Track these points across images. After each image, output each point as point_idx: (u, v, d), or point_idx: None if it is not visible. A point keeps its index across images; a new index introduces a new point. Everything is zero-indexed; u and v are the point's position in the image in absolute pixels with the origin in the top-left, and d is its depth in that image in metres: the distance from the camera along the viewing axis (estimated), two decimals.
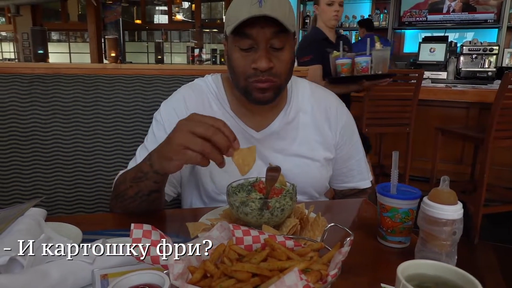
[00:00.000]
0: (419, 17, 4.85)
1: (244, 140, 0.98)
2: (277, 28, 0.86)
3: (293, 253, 0.57)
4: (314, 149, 1.03)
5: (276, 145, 1.01)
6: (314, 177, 1.03)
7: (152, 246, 0.54)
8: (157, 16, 10.58)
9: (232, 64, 0.92)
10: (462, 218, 0.64)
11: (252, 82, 0.90)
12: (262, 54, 0.86)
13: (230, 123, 0.97)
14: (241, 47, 0.88)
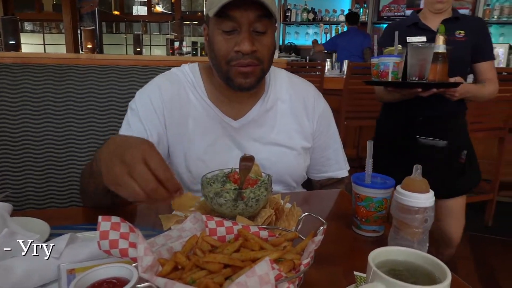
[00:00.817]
0: (398, 12, 4.92)
1: (221, 129, 0.98)
2: (260, 12, 0.86)
3: (266, 243, 0.56)
4: (292, 137, 1.03)
5: (253, 134, 1.00)
6: (291, 165, 1.03)
7: (121, 238, 0.52)
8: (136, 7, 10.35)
9: (214, 48, 0.90)
10: (434, 206, 0.65)
11: (234, 66, 0.89)
12: (245, 36, 0.86)
13: (208, 113, 0.99)
14: (223, 29, 0.87)
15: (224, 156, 0.97)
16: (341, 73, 3.96)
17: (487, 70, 1.65)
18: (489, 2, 4.43)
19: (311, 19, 5.25)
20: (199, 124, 0.98)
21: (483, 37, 1.63)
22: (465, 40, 1.59)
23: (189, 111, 0.99)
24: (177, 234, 0.60)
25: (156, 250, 0.55)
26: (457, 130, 1.72)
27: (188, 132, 0.98)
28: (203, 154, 0.97)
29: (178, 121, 0.98)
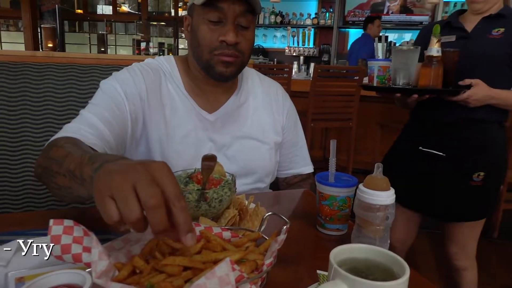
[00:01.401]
0: (362, 17, 5.05)
1: (198, 121, 0.99)
2: (245, 7, 0.90)
3: (229, 244, 0.55)
4: (265, 131, 1.06)
5: (228, 127, 1.02)
6: (264, 159, 1.05)
7: (74, 243, 0.50)
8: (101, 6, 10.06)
9: (198, 36, 0.92)
10: (394, 203, 0.66)
11: (217, 55, 0.91)
12: (230, 28, 0.89)
13: (184, 104, 0.99)
14: (210, 19, 0.89)
15: (198, 148, 0.98)
16: (308, 76, 4.02)
17: None
18: (447, 10, 4.65)
19: (278, 22, 5.30)
20: (176, 114, 0.98)
21: None
22: (500, 38, 1.36)
23: (167, 100, 0.98)
24: (136, 237, 0.58)
25: (113, 254, 0.53)
26: (478, 143, 1.41)
27: (166, 120, 0.96)
28: (178, 144, 0.96)
29: (157, 108, 0.96)
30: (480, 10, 1.42)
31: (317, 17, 5.18)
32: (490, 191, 1.43)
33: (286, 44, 5.34)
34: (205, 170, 0.69)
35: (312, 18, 5.20)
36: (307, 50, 5.18)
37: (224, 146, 1.01)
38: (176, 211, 0.44)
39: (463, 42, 1.39)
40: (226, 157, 1.00)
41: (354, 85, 2.90)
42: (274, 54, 5.45)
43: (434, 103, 1.43)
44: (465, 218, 1.46)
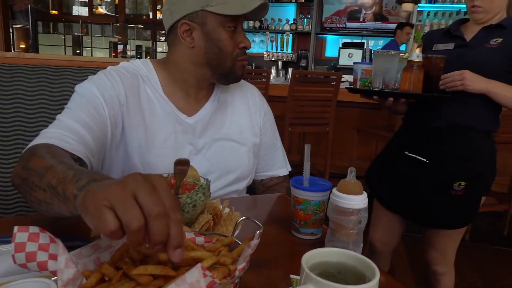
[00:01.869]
0: (339, 24, 5.14)
1: (177, 125, 0.99)
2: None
3: (202, 250, 0.54)
4: (243, 132, 1.08)
5: (207, 130, 1.03)
6: (243, 160, 1.06)
7: (40, 250, 0.48)
8: (76, 7, 9.84)
9: (220, 45, 0.94)
10: (367, 207, 0.67)
11: (240, 61, 0.98)
12: (244, 34, 0.97)
13: (163, 107, 0.99)
14: (229, 26, 0.93)
15: (178, 151, 0.98)
16: (286, 81, 4.05)
17: None
18: (420, 18, 4.79)
19: (257, 27, 5.33)
20: (155, 118, 0.97)
21: None
22: (496, 47, 1.36)
23: (146, 104, 0.97)
24: (106, 244, 0.56)
25: (81, 262, 0.51)
26: (461, 152, 1.39)
27: (145, 124, 0.95)
28: (158, 148, 0.96)
29: (136, 112, 0.95)
30: (481, 20, 1.41)
31: (295, 23, 5.23)
32: (471, 201, 1.42)
33: (265, 49, 5.37)
34: (178, 174, 0.68)
35: (291, 24, 5.25)
36: (285, 55, 5.23)
37: (203, 149, 1.01)
38: (171, 223, 0.43)
39: (461, 51, 1.41)
40: (206, 159, 1.00)
41: (331, 90, 2.94)
42: (253, 58, 5.47)
43: (421, 108, 1.45)
44: (445, 226, 1.47)
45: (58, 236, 0.51)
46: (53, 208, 0.63)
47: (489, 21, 1.42)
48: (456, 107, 1.38)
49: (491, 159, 1.44)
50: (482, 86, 1.32)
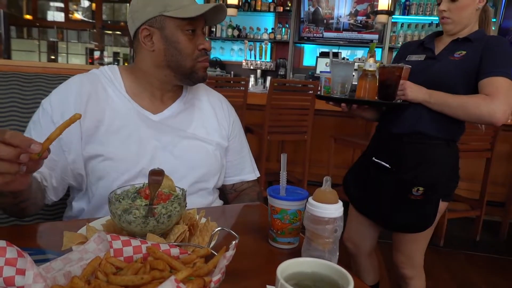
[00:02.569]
0: (317, 33, 5.22)
1: (141, 122, 1.02)
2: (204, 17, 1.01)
3: (176, 261, 0.54)
4: (209, 133, 1.10)
5: (172, 127, 1.05)
6: (210, 157, 1.08)
7: (7, 265, 0.46)
8: (52, 12, 9.62)
9: (179, 47, 0.99)
10: (342, 216, 0.68)
11: (201, 62, 1.02)
12: (203, 36, 1.02)
13: (126, 106, 1.02)
14: (187, 29, 0.98)
15: (142, 146, 0.99)
16: (264, 89, 4.08)
17: (485, 86, 1.34)
18: (394, 30, 4.93)
19: (236, 35, 5.35)
20: (118, 115, 1.00)
21: (487, 54, 1.37)
22: (458, 60, 1.40)
23: (106, 103, 1.01)
24: (77, 257, 0.55)
25: (51, 276, 0.50)
26: (419, 158, 1.43)
27: (105, 124, 0.99)
28: (121, 143, 0.98)
29: (95, 114, 0.99)
30: (451, 31, 1.46)
31: (274, 32, 5.29)
32: (429, 206, 1.44)
33: (243, 57, 5.40)
34: (153, 185, 0.67)
35: (269, 33, 5.30)
36: (264, 64, 5.26)
37: (170, 145, 1.03)
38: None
39: (429, 62, 1.46)
40: (173, 156, 1.02)
41: (309, 99, 2.97)
42: (231, 67, 5.48)
43: (387, 115, 1.51)
44: (406, 229, 1.51)
45: (27, 248, 0.49)
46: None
47: (459, 33, 1.46)
48: (415, 114, 1.42)
49: (450, 166, 1.47)
50: (420, 96, 1.38)
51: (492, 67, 1.35)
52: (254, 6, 5.20)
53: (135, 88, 1.05)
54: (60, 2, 9.09)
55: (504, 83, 1.32)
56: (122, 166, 0.96)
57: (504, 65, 1.35)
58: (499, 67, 1.34)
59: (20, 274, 0.46)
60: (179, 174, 0.97)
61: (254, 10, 5.21)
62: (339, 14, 5.12)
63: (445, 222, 2.74)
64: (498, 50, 1.37)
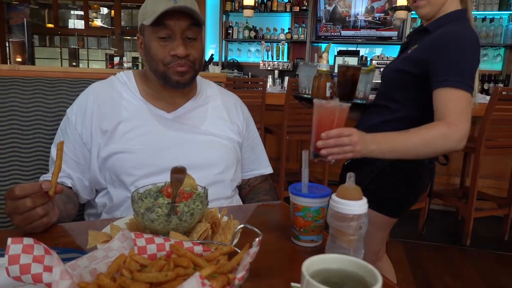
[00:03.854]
0: (334, 32, 5.18)
1: (155, 120, 1.06)
2: (190, 21, 0.99)
3: (200, 259, 0.53)
4: (223, 130, 1.13)
5: (186, 124, 1.09)
6: (223, 151, 1.11)
7: (34, 262, 0.47)
8: (72, 20, 9.88)
9: (151, 53, 1.02)
10: (367, 212, 0.66)
11: (172, 67, 1.01)
12: (179, 42, 0.99)
13: (141, 107, 1.07)
14: (159, 36, 0.99)
15: (158, 144, 1.03)
16: (282, 89, 4.06)
17: (441, 101, 1.11)
18: (414, 26, 4.83)
19: (252, 36, 5.35)
20: (133, 116, 1.05)
21: (441, 54, 1.13)
22: (408, 56, 1.25)
23: (122, 107, 1.06)
24: (102, 254, 0.55)
25: (77, 273, 0.50)
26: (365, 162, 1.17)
27: (122, 125, 1.03)
28: (136, 142, 1.01)
29: (112, 117, 1.04)
30: (427, 15, 1.25)
31: (291, 32, 5.26)
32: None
33: (261, 58, 5.39)
34: (174, 183, 0.67)
35: (286, 33, 5.28)
36: (281, 64, 5.24)
37: (185, 141, 1.05)
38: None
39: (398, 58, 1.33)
40: (188, 151, 1.04)
41: None
42: (249, 68, 5.49)
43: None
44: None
45: (54, 248, 0.50)
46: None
47: (436, 16, 1.25)
48: (365, 119, 1.35)
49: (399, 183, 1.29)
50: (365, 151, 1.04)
51: (446, 74, 1.11)
52: (271, 7, 5.19)
53: (147, 90, 1.10)
54: (80, 10, 9.33)
55: (463, 99, 1.09)
56: (139, 163, 0.99)
57: (460, 72, 1.11)
58: (455, 75, 1.10)
59: (47, 271, 0.47)
60: (195, 169, 0.97)
61: (270, 10, 5.20)
62: (356, 12, 5.06)
63: (471, 221, 2.66)
64: (454, 52, 1.12)
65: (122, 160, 1.00)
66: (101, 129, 1.03)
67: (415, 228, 2.93)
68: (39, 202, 0.73)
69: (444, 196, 3.04)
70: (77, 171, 1.04)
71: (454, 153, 3.57)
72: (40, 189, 0.73)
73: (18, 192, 0.72)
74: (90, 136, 1.03)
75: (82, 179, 1.05)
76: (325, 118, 0.98)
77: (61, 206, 0.91)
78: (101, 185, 1.05)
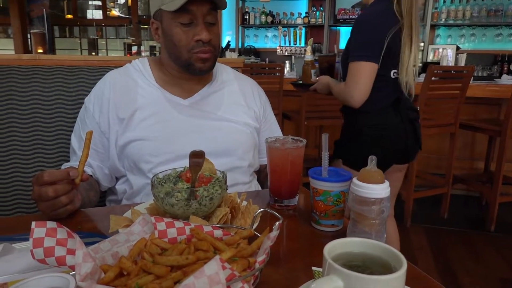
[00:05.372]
0: (353, 15, 5.05)
1: (171, 107, 1.06)
2: (211, 6, 0.98)
3: (220, 242, 0.53)
4: (238, 115, 1.12)
5: (202, 110, 1.08)
6: (240, 137, 1.10)
7: (58, 245, 0.48)
8: (91, 11, 9.98)
9: (173, 39, 1.00)
10: (389, 196, 0.65)
11: (196, 53, 1.00)
12: (203, 27, 0.98)
13: (157, 94, 1.07)
14: (182, 22, 0.97)
15: (175, 130, 1.03)
16: None
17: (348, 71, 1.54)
18: (436, 6, 4.66)
19: (269, 22, 5.28)
20: (149, 104, 1.05)
21: (351, 36, 1.56)
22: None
23: (138, 94, 1.06)
24: (124, 238, 0.56)
25: (99, 256, 0.51)
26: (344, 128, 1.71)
27: (138, 112, 1.03)
28: (153, 129, 1.02)
29: (129, 104, 1.04)
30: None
31: (308, 16, 5.16)
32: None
33: (278, 43, 5.33)
34: (193, 167, 0.67)
35: (303, 17, 5.18)
36: (298, 49, 5.17)
37: (202, 127, 1.05)
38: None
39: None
40: (204, 137, 1.04)
41: None
42: (266, 54, 5.43)
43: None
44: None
45: (77, 232, 0.50)
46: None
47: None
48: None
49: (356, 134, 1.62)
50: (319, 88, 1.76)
51: (350, 52, 1.53)
52: None
53: (163, 77, 1.09)
54: (98, 1, 9.40)
55: (353, 69, 1.52)
56: (156, 151, 1.00)
57: (356, 48, 1.52)
58: (352, 51, 1.52)
59: (70, 254, 0.47)
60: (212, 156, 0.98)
61: None
62: None
63: (496, 206, 2.59)
64: (353, 33, 1.55)
65: (139, 147, 1.00)
66: (118, 117, 1.03)
67: (438, 214, 2.88)
68: (62, 190, 0.74)
69: (467, 180, 2.97)
70: (96, 159, 1.05)
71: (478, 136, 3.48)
72: (67, 176, 0.74)
73: (47, 177, 0.73)
74: (107, 124, 1.04)
75: (101, 167, 1.06)
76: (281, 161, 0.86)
77: (83, 193, 0.92)
78: (121, 172, 1.06)
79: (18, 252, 0.59)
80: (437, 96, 2.57)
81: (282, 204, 0.86)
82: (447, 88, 2.63)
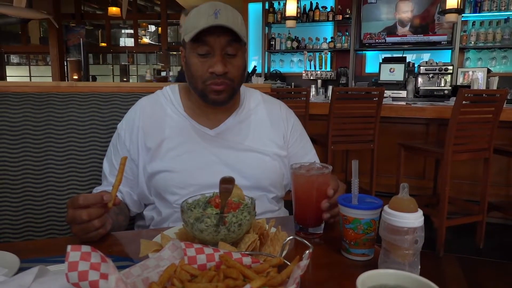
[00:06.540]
0: (379, 39, 5.05)
1: (198, 137, 1.06)
2: (231, 37, 0.96)
3: (249, 270, 0.53)
4: (266, 144, 1.10)
5: (229, 141, 1.07)
6: (266, 168, 1.08)
7: (91, 269, 0.48)
8: (123, 39, 10.48)
9: (191, 69, 1.01)
10: (423, 225, 0.63)
11: (209, 85, 0.99)
12: (218, 59, 0.96)
13: (184, 124, 1.07)
14: (199, 52, 0.97)
15: (202, 162, 1.03)
16: (326, 99, 4.01)
17: None
18: (465, 29, 4.60)
19: (295, 47, 5.36)
20: (176, 133, 1.06)
21: None
22: None
23: (166, 123, 1.07)
24: (154, 263, 0.56)
25: (131, 281, 0.51)
26: None
27: (165, 142, 1.05)
28: (182, 161, 1.02)
29: (157, 133, 1.06)
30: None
31: (333, 41, 5.21)
32: None
33: (303, 68, 5.38)
34: (223, 193, 0.67)
35: (328, 42, 5.23)
36: (324, 74, 5.19)
37: (228, 158, 1.04)
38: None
39: None
40: (231, 168, 1.03)
41: (373, 106, 2.86)
42: (292, 78, 5.48)
43: None
44: None
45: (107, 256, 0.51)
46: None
47: None
48: None
49: None
50: None
51: None
52: (313, 17, 5.18)
53: (191, 106, 1.10)
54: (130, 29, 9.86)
55: None
56: (181, 183, 1.00)
57: None
58: None
59: (103, 278, 0.48)
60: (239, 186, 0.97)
61: (312, 20, 5.19)
62: (401, 18, 4.91)
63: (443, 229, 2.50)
64: None
65: (165, 179, 1.01)
66: (146, 146, 1.05)
67: (472, 243, 2.74)
68: (95, 214, 0.76)
69: (504, 208, 2.83)
70: (126, 185, 1.07)
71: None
72: (101, 200, 0.77)
73: (81, 201, 0.75)
74: (137, 152, 1.06)
75: (131, 193, 1.08)
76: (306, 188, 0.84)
77: (113, 217, 0.94)
78: (149, 200, 1.08)
79: (53, 274, 0.60)
80: (469, 120, 2.50)
81: (307, 232, 0.84)
82: (479, 112, 2.56)
